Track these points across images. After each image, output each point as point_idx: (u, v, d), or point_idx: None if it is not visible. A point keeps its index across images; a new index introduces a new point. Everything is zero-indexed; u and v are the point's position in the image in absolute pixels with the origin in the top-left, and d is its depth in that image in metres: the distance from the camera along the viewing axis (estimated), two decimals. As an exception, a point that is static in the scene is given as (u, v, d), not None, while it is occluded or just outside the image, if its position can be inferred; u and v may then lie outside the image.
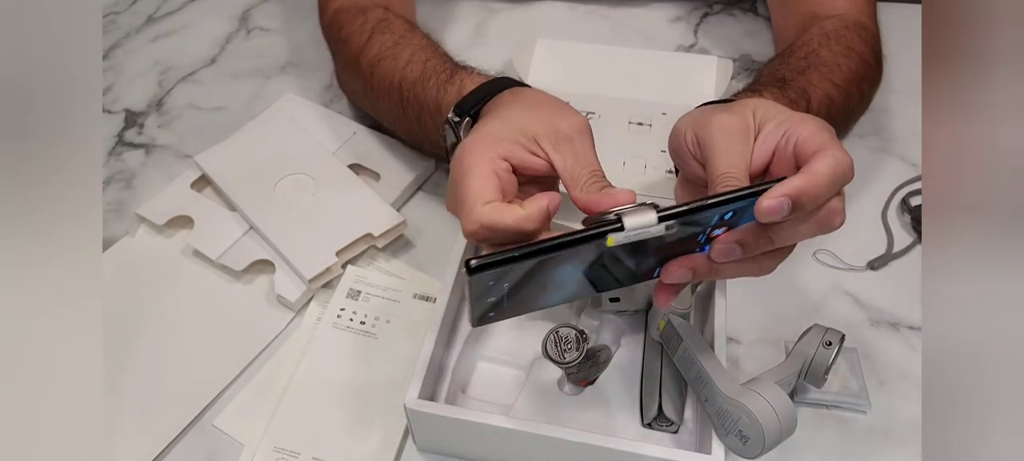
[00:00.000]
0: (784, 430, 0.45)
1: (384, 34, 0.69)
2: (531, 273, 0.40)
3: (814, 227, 0.43)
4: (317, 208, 0.68)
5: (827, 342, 0.52)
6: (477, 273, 0.38)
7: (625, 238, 0.39)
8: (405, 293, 0.65)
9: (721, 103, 0.53)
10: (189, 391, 0.59)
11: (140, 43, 0.90)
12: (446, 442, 0.55)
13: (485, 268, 0.38)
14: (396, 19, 0.70)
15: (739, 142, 0.45)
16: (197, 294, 0.66)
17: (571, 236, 0.39)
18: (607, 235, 0.39)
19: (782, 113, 0.46)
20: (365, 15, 0.71)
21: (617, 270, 0.43)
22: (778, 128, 0.45)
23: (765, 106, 0.47)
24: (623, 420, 0.56)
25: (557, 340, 0.54)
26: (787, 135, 0.45)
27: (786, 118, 0.46)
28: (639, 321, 0.60)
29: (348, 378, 0.60)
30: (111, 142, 0.79)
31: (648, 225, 0.39)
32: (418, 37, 0.68)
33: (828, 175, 0.41)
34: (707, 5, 0.91)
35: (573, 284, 0.43)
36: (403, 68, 0.65)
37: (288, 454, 0.56)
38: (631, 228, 0.39)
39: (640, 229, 0.39)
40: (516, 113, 0.50)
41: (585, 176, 0.46)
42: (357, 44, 0.70)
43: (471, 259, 0.38)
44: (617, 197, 0.44)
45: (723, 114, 0.46)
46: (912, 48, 0.80)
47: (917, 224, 0.68)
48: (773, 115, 0.46)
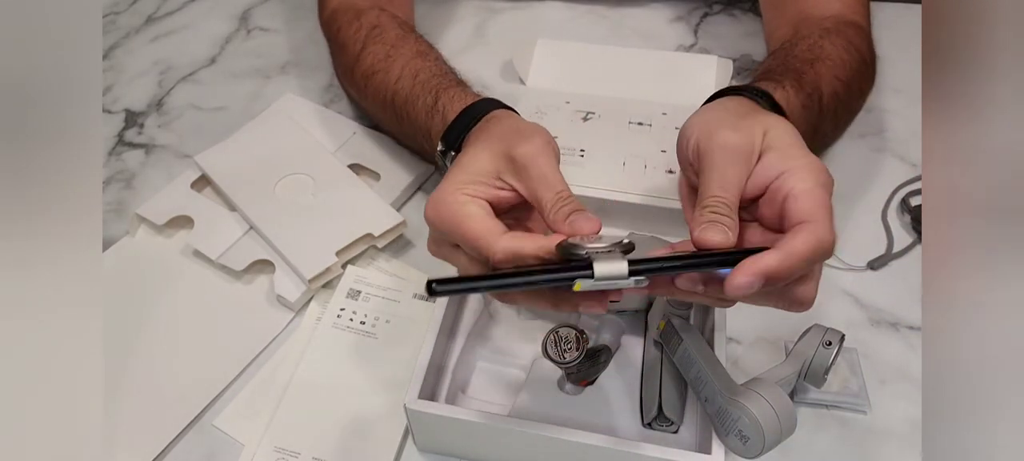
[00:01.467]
0: (784, 430, 0.45)
1: (376, 43, 0.69)
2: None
3: (777, 302, 0.42)
4: (317, 208, 0.68)
5: (827, 342, 0.52)
6: (438, 296, 0.38)
7: (593, 286, 0.38)
8: (405, 293, 0.65)
9: (741, 102, 0.51)
10: (189, 391, 0.59)
11: (140, 43, 0.90)
12: (446, 442, 0.55)
13: (447, 293, 0.38)
14: (390, 23, 0.70)
15: (737, 164, 0.44)
16: (197, 294, 0.66)
17: (539, 276, 0.38)
18: (575, 281, 0.38)
19: (791, 148, 0.44)
20: (360, 19, 0.71)
21: None
22: (779, 163, 0.43)
23: (777, 130, 0.45)
24: (623, 420, 0.56)
25: (557, 340, 0.54)
26: (784, 178, 0.43)
27: (791, 156, 0.43)
28: (639, 321, 0.60)
29: (348, 378, 0.60)
30: (111, 142, 0.79)
31: (618, 276, 0.38)
32: (409, 44, 0.68)
33: (805, 256, 0.39)
34: (707, 5, 0.91)
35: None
36: (394, 83, 0.66)
37: (288, 454, 0.56)
38: (600, 276, 0.38)
39: (609, 279, 0.38)
40: (473, 156, 0.48)
41: (550, 199, 0.45)
42: (352, 53, 0.70)
43: (433, 281, 0.37)
44: (581, 226, 0.43)
45: (729, 131, 0.45)
46: (912, 48, 0.80)
47: (917, 224, 0.68)
48: (780, 145, 0.44)
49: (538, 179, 0.46)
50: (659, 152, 0.71)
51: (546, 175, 0.46)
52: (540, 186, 0.45)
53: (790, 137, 0.45)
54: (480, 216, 0.45)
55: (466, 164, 0.48)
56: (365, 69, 0.69)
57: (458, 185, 0.46)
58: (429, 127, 0.60)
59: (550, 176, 0.46)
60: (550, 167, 0.46)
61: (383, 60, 0.68)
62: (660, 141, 0.72)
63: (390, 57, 0.67)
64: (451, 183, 0.46)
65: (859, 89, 0.67)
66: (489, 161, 0.47)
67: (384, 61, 0.67)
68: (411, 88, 0.64)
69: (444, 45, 0.83)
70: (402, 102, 0.64)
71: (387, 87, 0.66)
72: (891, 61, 0.71)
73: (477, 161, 0.48)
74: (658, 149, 0.71)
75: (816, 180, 0.42)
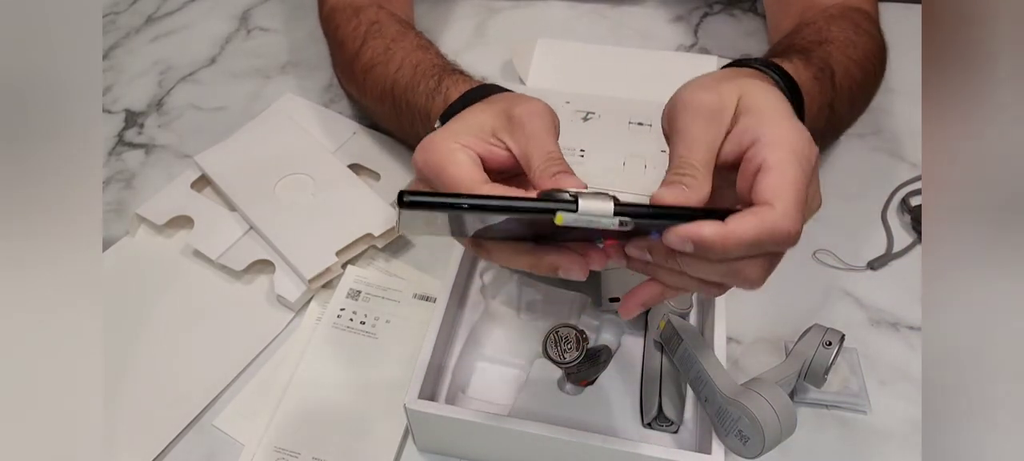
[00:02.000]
0: (784, 430, 0.45)
1: (376, 38, 0.69)
2: (471, 221, 0.38)
3: (724, 275, 0.39)
4: (317, 208, 0.68)
5: (827, 342, 0.52)
6: (409, 208, 0.36)
7: (574, 221, 0.36)
8: (405, 293, 0.65)
9: (726, 70, 0.48)
10: (189, 391, 0.59)
11: (140, 43, 0.90)
12: (446, 442, 0.55)
13: (418, 207, 0.36)
14: (389, 20, 0.70)
15: (705, 126, 0.40)
16: (197, 294, 0.65)
17: (518, 201, 0.37)
18: (556, 213, 0.36)
19: (768, 111, 0.40)
20: (359, 17, 0.71)
21: (565, 234, 0.42)
22: (754, 128, 0.39)
23: (757, 92, 0.41)
24: (623, 420, 0.56)
25: (557, 340, 0.53)
26: (757, 147, 0.39)
27: (767, 121, 0.39)
28: (639, 321, 0.60)
29: (348, 378, 0.60)
30: (111, 142, 0.79)
31: (602, 215, 0.37)
32: (409, 39, 0.68)
33: (746, 241, 0.36)
34: (707, 5, 0.91)
35: (513, 233, 0.42)
36: (394, 73, 0.65)
37: (288, 454, 0.56)
38: (584, 212, 0.36)
39: (592, 216, 0.37)
40: (473, 113, 0.48)
41: (540, 158, 0.43)
42: (351, 48, 0.70)
43: (406, 191, 0.35)
44: (567, 186, 0.41)
45: (698, 90, 0.41)
46: (912, 48, 0.79)
47: (917, 224, 0.68)
48: (756, 107, 0.40)
49: (531, 137, 0.44)
50: (659, 152, 0.70)
51: (539, 134, 0.44)
52: (532, 144, 0.44)
53: (770, 100, 0.41)
54: (466, 164, 0.43)
55: (463, 117, 0.47)
56: (364, 63, 0.68)
57: (451, 133, 0.45)
58: (429, 109, 0.60)
59: (543, 137, 0.44)
60: (545, 129, 0.45)
61: (383, 53, 0.67)
62: (660, 141, 0.71)
63: (390, 50, 0.67)
64: (444, 131, 0.45)
65: (874, 70, 0.65)
66: (487, 118, 0.46)
67: (384, 54, 0.67)
68: (412, 77, 0.63)
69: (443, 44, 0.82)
70: (402, 91, 0.64)
71: (387, 78, 0.66)
72: (891, 61, 0.70)
73: (474, 116, 0.47)
74: (658, 149, 0.71)
75: (790, 151, 0.38)
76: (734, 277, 0.39)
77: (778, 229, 0.36)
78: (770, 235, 0.36)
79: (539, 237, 0.43)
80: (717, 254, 0.37)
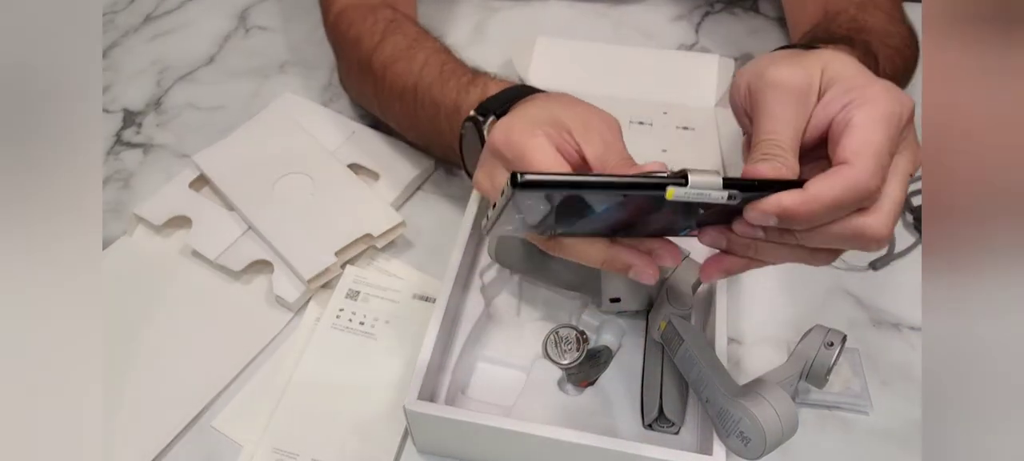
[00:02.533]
0: (786, 432, 0.45)
1: (397, 35, 0.68)
2: (569, 208, 0.39)
3: (845, 243, 0.40)
4: (316, 208, 0.68)
5: (829, 343, 0.51)
6: (524, 189, 0.36)
7: (685, 195, 0.37)
8: (404, 293, 0.65)
9: (796, 49, 0.47)
10: (187, 392, 0.59)
11: (138, 42, 0.90)
12: (446, 443, 0.55)
13: (533, 186, 0.36)
14: (406, 21, 0.70)
15: (792, 103, 0.40)
16: (195, 294, 0.65)
17: (634, 179, 0.38)
18: (668, 187, 0.37)
19: (856, 77, 0.40)
20: (375, 15, 0.71)
21: (648, 223, 0.43)
22: (844, 95, 0.40)
23: (838, 63, 0.41)
24: (624, 421, 0.56)
25: (557, 341, 0.53)
26: (848, 109, 0.39)
27: (856, 85, 0.40)
28: (640, 322, 0.60)
29: (347, 379, 0.59)
30: (109, 142, 0.79)
31: (712, 187, 0.37)
32: (431, 40, 0.68)
33: (829, 201, 0.37)
34: (708, 4, 0.91)
35: (597, 226, 0.43)
36: (419, 70, 0.65)
37: (287, 455, 0.55)
38: (694, 185, 0.37)
39: (702, 189, 0.37)
40: (545, 105, 0.49)
41: (615, 161, 0.45)
42: (369, 44, 0.69)
43: (520, 173, 0.35)
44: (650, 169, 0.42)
45: (784, 66, 0.41)
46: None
47: (919, 224, 0.68)
48: (843, 76, 0.41)
49: (608, 145, 0.46)
50: (660, 151, 0.70)
51: (617, 142, 0.46)
52: (607, 150, 0.45)
53: (854, 68, 0.41)
54: (549, 150, 0.44)
55: (540, 106, 0.48)
56: (385, 58, 0.68)
57: (532, 120, 0.46)
58: (459, 103, 0.59)
59: (619, 145, 0.46)
60: (619, 139, 0.47)
61: (405, 49, 0.67)
62: (661, 140, 0.71)
63: (413, 48, 0.67)
64: (523, 117, 0.47)
65: (912, 57, 0.64)
66: (563, 113, 0.47)
67: (407, 50, 0.67)
68: (439, 73, 0.63)
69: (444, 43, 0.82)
70: (426, 87, 0.63)
71: (410, 73, 0.65)
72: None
73: (550, 109, 0.48)
74: (659, 149, 0.71)
75: (878, 111, 0.39)
76: (854, 243, 0.39)
77: (859, 187, 0.37)
78: (851, 193, 0.37)
79: (621, 229, 0.44)
80: (803, 221, 0.38)
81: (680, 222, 0.43)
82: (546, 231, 0.44)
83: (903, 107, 0.40)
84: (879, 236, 0.39)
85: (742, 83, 0.44)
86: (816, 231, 0.39)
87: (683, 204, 0.38)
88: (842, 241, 0.40)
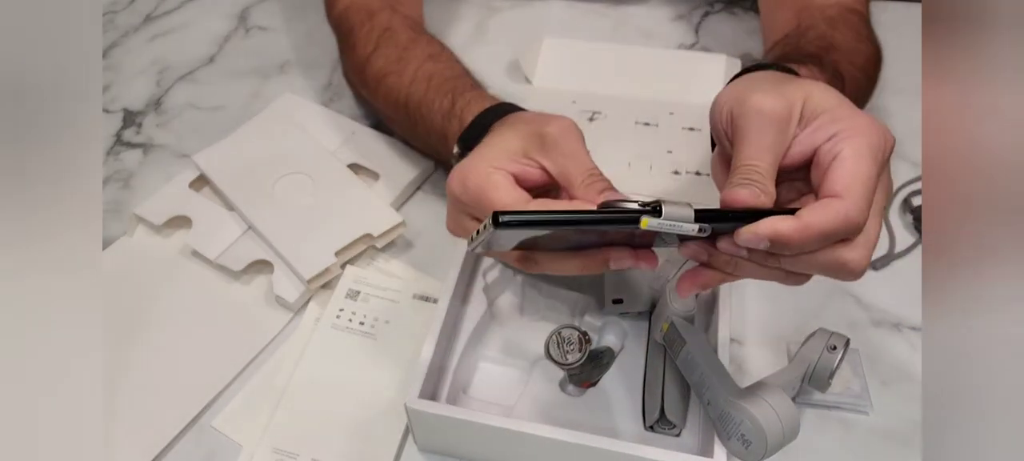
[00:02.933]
0: (787, 435, 0.45)
1: (388, 46, 0.69)
2: (547, 238, 0.40)
3: (824, 272, 0.41)
4: (316, 208, 0.68)
5: (832, 346, 0.51)
6: (503, 228, 0.38)
7: (658, 225, 0.38)
8: (404, 294, 0.64)
9: (776, 72, 0.49)
10: (187, 392, 0.59)
11: (138, 42, 0.90)
12: (447, 442, 0.55)
13: (513, 226, 0.38)
14: (401, 24, 0.70)
15: (772, 132, 0.41)
16: (195, 294, 0.65)
17: (608, 214, 0.39)
18: (642, 217, 0.38)
19: (840, 108, 0.42)
20: (372, 20, 0.71)
21: (626, 243, 0.44)
22: (831, 125, 0.41)
23: (820, 93, 0.42)
24: (625, 422, 0.56)
25: (559, 341, 0.53)
26: (835, 141, 0.40)
27: (842, 117, 0.41)
28: (642, 323, 0.60)
29: (347, 378, 0.59)
30: (109, 142, 0.79)
31: (684, 220, 0.38)
32: (421, 48, 0.68)
33: (820, 233, 0.38)
34: (708, 4, 0.91)
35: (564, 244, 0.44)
36: (408, 86, 0.65)
37: (287, 455, 0.55)
38: (668, 216, 0.38)
39: (675, 221, 0.38)
40: (500, 136, 0.49)
41: (580, 176, 0.45)
42: (363, 53, 0.70)
43: (499, 212, 0.37)
44: (614, 198, 0.43)
45: (766, 94, 0.42)
46: (912, 48, 0.79)
47: (919, 224, 0.68)
48: (827, 106, 0.42)
49: (569, 156, 0.46)
50: (665, 153, 0.70)
51: (576, 153, 0.46)
52: (570, 163, 0.46)
53: (836, 99, 0.42)
54: (507, 185, 0.45)
55: (493, 142, 0.48)
56: (376, 71, 0.68)
57: (484, 159, 0.46)
58: (445, 130, 0.60)
59: (580, 154, 0.46)
60: (580, 146, 0.47)
61: (395, 62, 0.67)
62: (667, 141, 0.71)
63: (402, 60, 0.67)
64: (477, 156, 0.47)
65: (873, 77, 0.66)
66: (516, 139, 0.48)
67: (396, 63, 0.67)
68: (425, 92, 0.63)
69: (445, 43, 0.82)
70: (416, 106, 0.64)
71: (400, 90, 0.66)
72: (891, 61, 0.70)
73: (504, 139, 0.48)
74: (664, 149, 0.71)
75: (866, 144, 0.40)
76: (833, 272, 0.41)
77: (850, 220, 0.38)
78: (843, 225, 0.38)
79: (589, 246, 0.45)
80: (794, 248, 0.39)
81: (660, 241, 0.44)
82: (523, 249, 0.45)
83: (886, 142, 0.41)
84: (858, 269, 0.40)
85: (724, 108, 0.44)
86: (801, 257, 0.40)
87: (660, 236, 0.40)
88: (821, 269, 0.41)
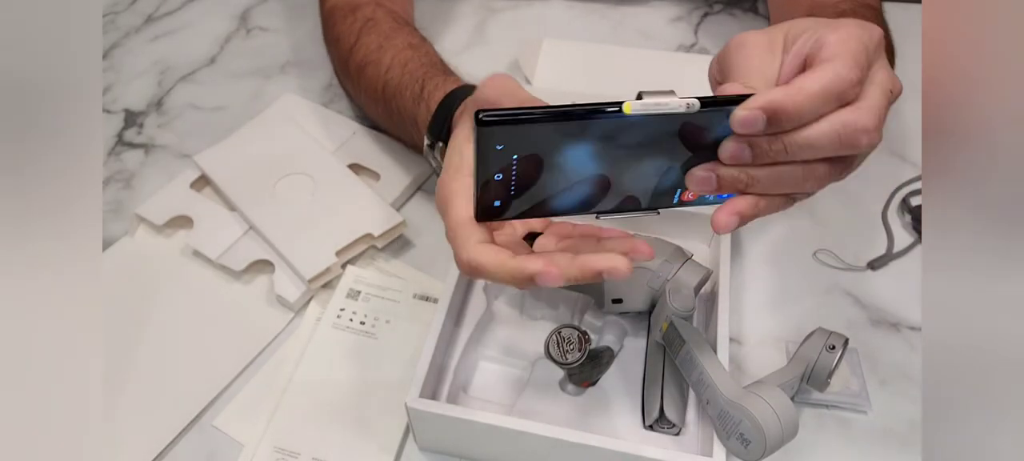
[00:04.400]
0: (786, 434, 0.45)
1: (369, 36, 0.68)
2: (542, 158, 0.40)
3: (834, 143, 0.39)
4: (316, 208, 0.68)
5: (830, 346, 0.51)
6: (487, 126, 0.37)
7: (643, 107, 0.38)
8: (405, 293, 0.65)
9: None
10: (188, 391, 0.59)
11: (139, 43, 0.90)
12: (447, 441, 0.55)
13: (496, 123, 0.37)
14: (384, 17, 0.70)
15: (758, 56, 0.41)
16: (196, 294, 0.65)
17: (591, 105, 0.38)
18: (623, 103, 0.38)
19: (819, 24, 0.41)
20: (355, 14, 0.71)
21: (635, 173, 0.42)
22: (814, 33, 0.41)
23: (801, 23, 0.42)
24: (625, 422, 0.56)
25: (559, 341, 0.53)
26: (817, 40, 0.40)
27: (825, 25, 0.41)
28: (642, 322, 0.60)
29: (348, 378, 0.60)
30: (110, 142, 0.79)
31: (668, 96, 0.38)
32: (402, 36, 0.68)
33: (814, 91, 0.37)
34: (707, 5, 0.91)
35: (587, 184, 0.42)
36: (384, 74, 0.65)
37: (288, 454, 0.55)
38: (649, 98, 0.38)
39: (658, 101, 0.38)
40: (454, 137, 0.48)
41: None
42: (346, 45, 0.70)
43: (482, 111, 0.37)
44: None
45: (748, 34, 0.43)
46: (912, 48, 0.80)
47: (917, 224, 0.68)
48: (808, 26, 0.42)
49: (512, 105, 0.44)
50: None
51: (516, 100, 0.45)
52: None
53: (818, 21, 0.42)
54: (462, 203, 0.43)
55: (458, 147, 0.47)
56: (358, 61, 0.68)
57: (453, 166, 0.45)
58: (416, 116, 0.60)
59: (520, 96, 0.45)
60: (516, 92, 0.46)
61: (375, 51, 0.67)
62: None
63: (382, 48, 0.67)
64: (447, 169, 0.46)
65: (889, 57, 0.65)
66: (466, 130, 0.46)
67: (376, 52, 0.67)
68: (400, 79, 0.63)
69: (444, 45, 0.82)
70: (392, 93, 0.64)
71: (378, 78, 0.66)
72: (891, 61, 0.71)
73: (456, 140, 0.47)
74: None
75: (849, 31, 0.40)
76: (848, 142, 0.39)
77: (841, 76, 0.38)
78: (834, 82, 0.38)
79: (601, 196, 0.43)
80: (791, 114, 0.38)
81: (663, 178, 0.42)
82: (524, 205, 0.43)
83: (870, 31, 0.41)
84: (867, 127, 0.39)
85: (713, 63, 0.45)
86: (808, 135, 0.39)
87: (654, 140, 0.39)
88: (832, 140, 0.39)
